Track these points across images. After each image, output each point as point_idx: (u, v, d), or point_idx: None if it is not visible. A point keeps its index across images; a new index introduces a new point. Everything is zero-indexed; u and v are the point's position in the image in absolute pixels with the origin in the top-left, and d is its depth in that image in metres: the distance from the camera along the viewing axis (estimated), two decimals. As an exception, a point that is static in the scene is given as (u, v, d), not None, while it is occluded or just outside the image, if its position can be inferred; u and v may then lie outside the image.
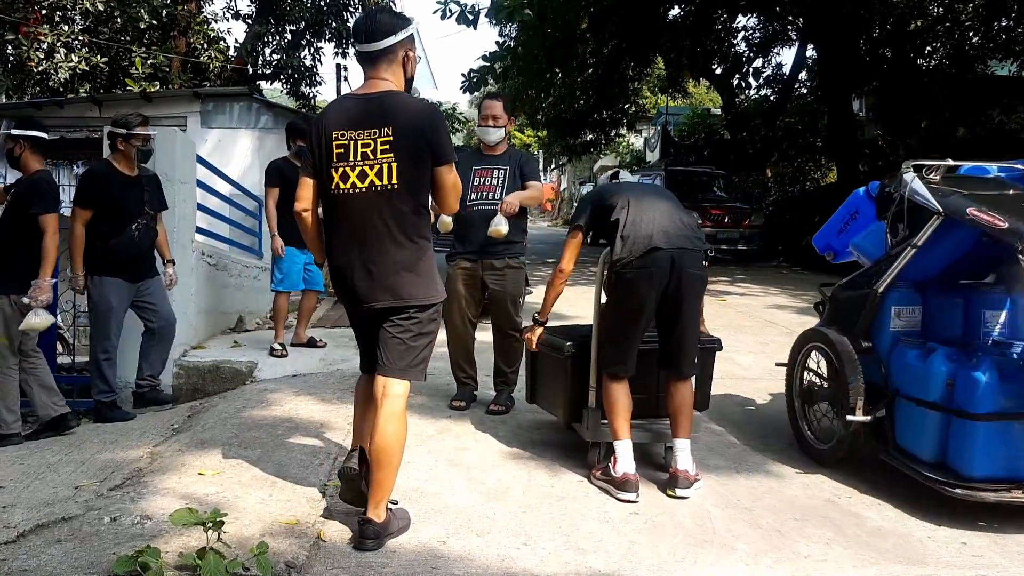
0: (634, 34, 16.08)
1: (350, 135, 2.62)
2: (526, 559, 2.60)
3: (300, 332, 6.10)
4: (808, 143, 18.68)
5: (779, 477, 3.48)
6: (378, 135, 2.60)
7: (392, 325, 2.69)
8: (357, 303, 2.72)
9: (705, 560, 2.64)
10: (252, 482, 3.20)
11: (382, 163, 2.60)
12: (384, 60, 2.67)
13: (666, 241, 3.16)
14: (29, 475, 3.37)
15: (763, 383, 5.28)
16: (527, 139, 41.47)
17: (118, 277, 4.70)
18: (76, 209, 4.58)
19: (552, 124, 20.14)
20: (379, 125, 2.60)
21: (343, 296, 2.80)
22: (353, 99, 2.75)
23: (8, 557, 2.44)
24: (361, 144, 2.60)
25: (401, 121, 2.61)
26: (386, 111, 2.62)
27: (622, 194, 3.38)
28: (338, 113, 2.71)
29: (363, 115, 2.63)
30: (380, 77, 2.68)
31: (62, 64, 12.58)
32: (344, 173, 2.62)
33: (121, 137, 4.71)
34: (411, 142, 2.62)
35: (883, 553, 2.74)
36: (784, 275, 13.07)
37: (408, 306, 2.67)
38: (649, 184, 3.75)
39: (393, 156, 2.59)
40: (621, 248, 3.19)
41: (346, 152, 2.62)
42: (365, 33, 2.67)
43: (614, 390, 3.25)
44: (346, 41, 16.20)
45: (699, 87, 29.14)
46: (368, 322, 2.77)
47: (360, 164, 2.60)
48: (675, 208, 3.36)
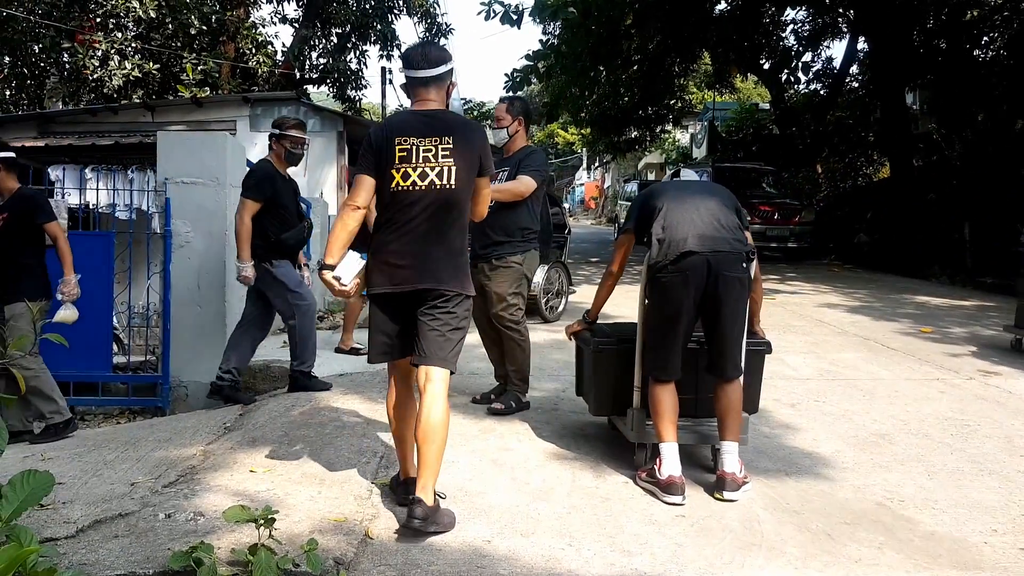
0: (680, 29, 15.91)
1: (413, 141, 2.93)
2: (571, 560, 2.59)
3: (347, 339, 6.16)
4: (860, 138, 18.24)
5: (829, 480, 3.41)
6: (439, 143, 2.92)
7: (432, 318, 2.89)
8: (403, 283, 2.90)
9: (753, 563, 2.60)
10: (302, 480, 3.26)
11: (443, 166, 2.91)
12: (434, 85, 3.04)
13: (700, 244, 3.13)
14: (87, 472, 3.48)
15: (813, 384, 5.18)
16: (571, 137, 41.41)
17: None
18: (246, 201, 4.76)
19: (596, 122, 20.03)
20: (440, 134, 2.93)
21: (388, 281, 2.92)
22: (412, 113, 3.09)
23: (68, 551, 2.52)
24: (423, 149, 2.92)
25: (459, 133, 2.96)
26: (446, 123, 2.98)
27: (664, 195, 3.37)
28: (400, 123, 3.05)
29: (424, 126, 2.95)
30: (430, 99, 3.04)
31: (116, 71, 12.96)
32: (405, 172, 2.90)
33: (275, 137, 4.93)
34: (468, 151, 2.95)
35: (936, 558, 2.67)
36: (835, 273, 12.79)
37: (447, 292, 2.89)
38: (697, 182, 3.64)
39: (453, 161, 2.92)
40: (657, 252, 3.20)
41: (408, 155, 2.91)
42: (422, 61, 3.04)
43: (659, 392, 3.23)
44: (391, 44, 16.37)
45: (747, 82, 28.69)
46: (403, 309, 2.94)
47: (421, 165, 2.91)
48: (718, 207, 3.30)
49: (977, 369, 5.66)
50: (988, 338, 6.90)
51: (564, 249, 9.25)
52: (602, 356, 3.57)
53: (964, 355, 6.15)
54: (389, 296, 2.94)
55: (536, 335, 6.83)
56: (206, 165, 5.79)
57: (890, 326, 7.52)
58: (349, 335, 6.15)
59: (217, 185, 5.78)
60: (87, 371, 5.57)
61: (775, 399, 4.72)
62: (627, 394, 3.44)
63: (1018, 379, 5.37)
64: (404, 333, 2.96)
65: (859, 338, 6.91)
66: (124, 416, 5.96)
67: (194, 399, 5.74)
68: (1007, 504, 3.16)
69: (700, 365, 3.37)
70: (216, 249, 5.79)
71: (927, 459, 3.70)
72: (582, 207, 43.87)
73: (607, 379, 3.58)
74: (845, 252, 14.90)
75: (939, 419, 4.39)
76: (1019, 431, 4.17)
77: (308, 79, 16.76)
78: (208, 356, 5.72)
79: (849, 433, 4.10)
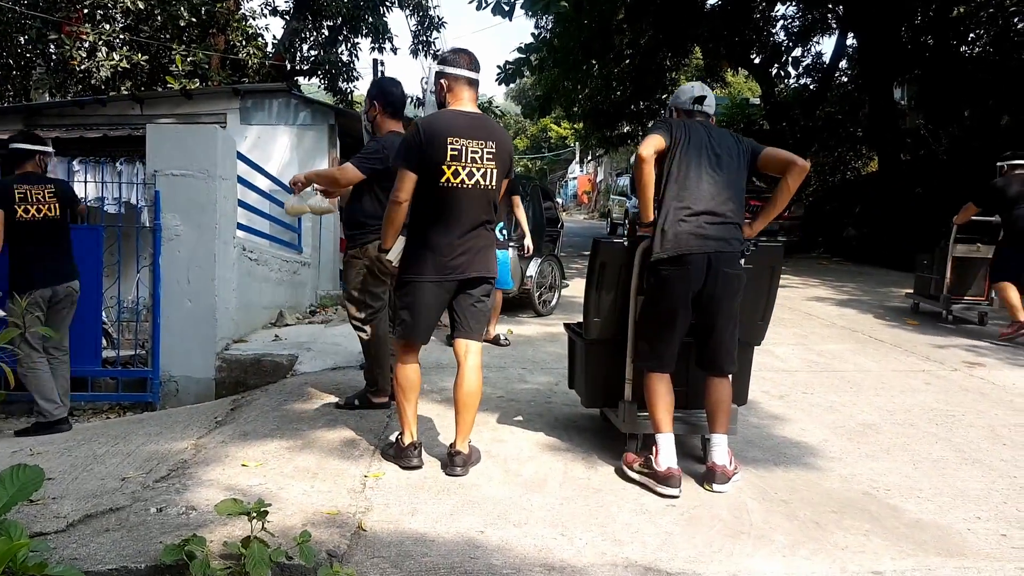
0: (671, 24, 15.91)
1: (463, 141, 3.19)
2: (563, 550, 2.61)
3: (489, 330, 6.12)
4: (849, 133, 18.31)
5: (817, 470, 3.45)
6: (484, 146, 3.24)
7: (476, 299, 3.35)
8: (455, 273, 3.24)
9: (742, 551, 2.63)
10: (294, 473, 3.27)
11: (487, 168, 3.24)
12: (476, 88, 3.37)
13: (702, 245, 3.09)
14: (77, 467, 3.48)
15: (802, 375, 5.23)
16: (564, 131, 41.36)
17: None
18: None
19: (588, 116, 20.00)
20: (485, 138, 3.24)
21: (435, 270, 3.22)
22: (457, 113, 3.28)
23: (59, 546, 2.52)
24: (471, 150, 3.21)
25: (499, 138, 3.30)
26: (488, 128, 3.29)
27: (679, 155, 3.15)
28: (449, 122, 3.23)
29: (471, 128, 3.23)
30: (473, 100, 3.35)
31: (104, 63, 12.83)
32: (456, 170, 3.18)
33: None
34: (504, 156, 3.31)
35: (921, 545, 2.71)
36: (824, 266, 12.88)
37: (489, 278, 3.35)
38: (712, 142, 3.24)
39: (495, 164, 3.27)
40: (660, 244, 3.13)
41: (459, 154, 3.18)
42: (476, 64, 3.35)
43: (655, 383, 3.23)
44: (382, 36, 16.27)
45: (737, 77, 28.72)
46: (445, 295, 3.30)
47: (470, 165, 3.21)
48: (726, 189, 3.16)
49: (962, 360, 5.72)
50: (975, 331, 6.97)
51: (557, 243, 9.30)
52: (594, 348, 3.58)
53: (950, 347, 6.22)
54: (440, 283, 3.26)
55: (529, 328, 6.86)
56: (196, 158, 5.76)
57: (877, 318, 7.59)
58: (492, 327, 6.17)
59: (207, 178, 5.76)
60: (76, 366, 5.53)
61: (764, 391, 4.76)
62: (619, 386, 3.46)
63: (1001, 370, 5.44)
64: (440, 314, 3.37)
65: (847, 330, 6.97)
66: (114, 411, 5.94)
67: (184, 394, 5.73)
68: (990, 492, 3.20)
69: (691, 357, 3.39)
70: (206, 242, 5.77)
71: (912, 448, 3.75)
72: (575, 201, 43.88)
73: (599, 371, 3.60)
74: (834, 246, 14.99)
75: (924, 409, 4.44)
76: (1002, 421, 4.23)
77: (299, 71, 16.65)
78: (198, 350, 5.72)
79: (836, 423, 4.15)
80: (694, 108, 3.33)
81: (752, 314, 3.53)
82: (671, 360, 3.24)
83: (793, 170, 3.21)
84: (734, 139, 3.31)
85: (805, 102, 18.75)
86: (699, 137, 3.21)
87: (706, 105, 3.35)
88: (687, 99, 3.35)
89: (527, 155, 46.29)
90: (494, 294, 3.41)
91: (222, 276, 5.90)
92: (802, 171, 3.20)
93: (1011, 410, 4.46)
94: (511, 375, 5.14)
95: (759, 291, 3.50)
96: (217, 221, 5.79)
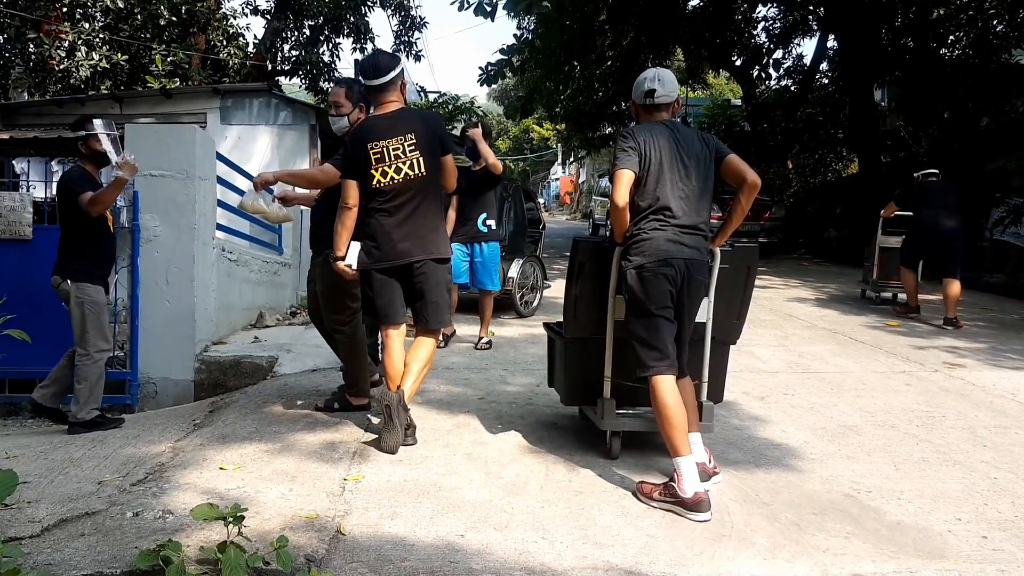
0: (653, 25, 15.96)
1: (382, 144, 3.53)
2: (544, 553, 2.60)
3: (483, 332, 6.15)
4: (829, 134, 18.48)
5: (798, 471, 3.46)
6: (404, 140, 3.54)
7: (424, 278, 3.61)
8: (401, 257, 3.56)
9: (723, 554, 2.63)
10: (273, 477, 3.23)
11: (412, 158, 3.55)
12: (390, 88, 3.62)
13: (680, 251, 3.10)
14: (53, 470, 3.42)
15: (783, 376, 5.25)
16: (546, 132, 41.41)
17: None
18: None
19: (571, 117, 20.03)
20: (403, 133, 3.54)
21: (387, 257, 3.55)
22: (376, 118, 3.64)
23: (33, 551, 2.48)
24: (392, 148, 3.53)
25: (419, 127, 3.59)
26: (406, 121, 3.58)
27: (650, 169, 3.12)
28: (368, 129, 3.59)
29: (388, 128, 3.55)
30: (390, 101, 3.63)
31: (83, 62, 12.68)
32: (383, 171, 3.53)
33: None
34: (428, 140, 3.58)
35: (902, 547, 2.72)
36: (805, 267, 12.98)
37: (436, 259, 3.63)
38: (680, 151, 3.18)
39: (419, 152, 3.56)
40: (641, 250, 3.11)
41: (382, 156, 3.53)
42: (373, 72, 3.59)
43: (665, 395, 3.04)
44: (364, 37, 16.20)
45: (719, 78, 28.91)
46: (398, 278, 3.62)
47: (395, 162, 3.53)
48: (696, 200, 3.15)
49: (942, 362, 5.77)
50: (955, 332, 7.04)
51: (539, 244, 9.29)
52: (572, 347, 3.59)
53: (930, 348, 6.27)
54: (390, 269, 3.56)
55: (510, 330, 6.85)
56: (175, 158, 5.70)
57: (858, 320, 7.65)
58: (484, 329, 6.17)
59: (186, 178, 5.70)
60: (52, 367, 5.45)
61: (745, 392, 4.77)
62: (598, 384, 3.46)
63: (982, 371, 5.49)
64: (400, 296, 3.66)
65: (828, 331, 7.01)
66: (91, 413, 5.84)
67: (163, 396, 5.66)
68: (970, 493, 3.23)
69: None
70: (185, 243, 5.70)
71: (893, 450, 3.77)
72: (557, 202, 43.96)
73: (578, 370, 3.60)
74: (815, 247, 15.11)
75: (905, 411, 4.47)
76: (982, 422, 4.26)
77: (280, 71, 16.53)
78: (177, 352, 5.65)
79: (817, 425, 4.16)
80: (647, 103, 3.26)
81: (728, 313, 3.55)
82: (672, 351, 3.13)
83: (744, 186, 3.17)
84: (700, 141, 3.24)
85: (786, 104, 18.91)
86: (668, 147, 3.15)
87: (659, 97, 3.23)
88: (640, 94, 3.28)
89: (509, 156, 46.27)
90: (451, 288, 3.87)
91: (201, 277, 5.83)
92: (753, 187, 3.15)
93: (992, 411, 4.50)
94: (492, 376, 5.12)
95: (735, 290, 3.52)
96: (196, 222, 5.73)
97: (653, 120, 3.26)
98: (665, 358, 3.11)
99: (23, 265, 5.53)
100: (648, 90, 3.23)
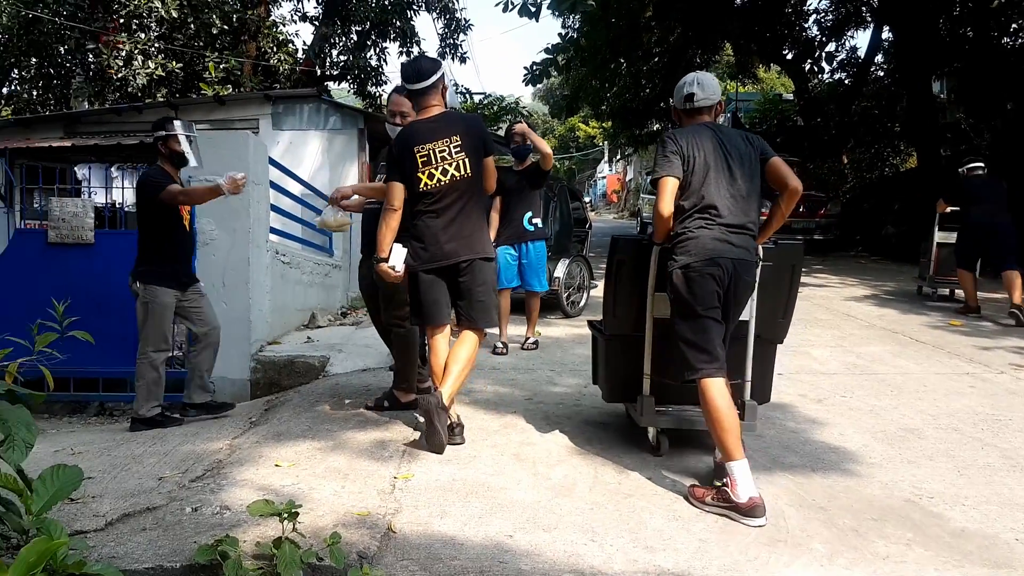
0: (701, 21, 15.75)
1: (428, 147, 3.58)
2: (593, 556, 2.58)
3: (529, 332, 6.18)
4: (886, 128, 17.95)
5: (856, 476, 3.36)
6: (449, 142, 3.59)
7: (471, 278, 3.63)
8: (446, 258, 3.60)
9: (778, 560, 2.57)
10: (325, 474, 3.28)
11: (457, 160, 3.60)
12: (431, 92, 3.66)
13: (728, 250, 3.06)
14: (116, 466, 3.53)
15: (840, 378, 5.12)
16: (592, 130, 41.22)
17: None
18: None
19: (617, 115, 19.88)
20: (448, 135, 3.59)
21: (432, 259, 3.60)
22: (420, 122, 3.68)
23: (97, 544, 2.56)
24: (438, 151, 3.58)
25: (463, 128, 3.64)
26: (450, 124, 3.63)
27: (695, 171, 3.10)
28: (413, 133, 3.62)
29: (433, 131, 3.60)
30: (432, 104, 3.68)
31: (140, 70, 13.09)
32: (430, 173, 3.58)
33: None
34: (473, 142, 3.63)
35: (966, 555, 2.62)
36: (863, 265, 12.64)
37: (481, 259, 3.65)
38: (725, 151, 3.16)
39: (464, 154, 3.61)
40: (688, 250, 3.08)
41: (428, 159, 3.58)
42: (416, 75, 3.65)
43: (716, 398, 2.99)
44: (410, 40, 16.37)
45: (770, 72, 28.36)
46: (445, 278, 3.66)
47: (441, 164, 3.58)
48: (743, 200, 3.12)
49: (1009, 363, 5.56)
50: (1020, 331, 6.77)
51: (585, 244, 9.24)
52: (612, 344, 3.62)
53: (995, 348, 6.04)
54: (436, 270, 3.61)
55: (557, 330, 6.83)
56: (229, 163, 5.82)
57: (919, 319, 7.41)
58: (503, 330, 6.14)
59: (240, 183, 5.82)
60: (115, 367, 5.64)
61: (801, 394, 4.67)
62: (637, 381, 3.48)
63: (1050, 372, 5.27)
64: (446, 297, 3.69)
65: (887, 331, 6.82)
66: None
67: (220, 394, 5.78)
68: (1039, 500, 3.10)
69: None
70: (240, 247, 5.83)
71: (957, 454, 3.64)
72: (604, 201, 43.71)
73: (618, 366, 3.63)
74: (872, 244, 14.70)
75: (969, 414, 4.31)
76: (1052, 425, 4.09)
77: (329, 76, 16.82)
78: (234, 352, 5.78)
79: (877, 428, 4.05)
80: (687, 107, 3.26)
81: (773, 311, 3.51)
82: (721, 352, 3.08)
83: (784, 192, 3.18)
84: (745, 141, 3.21)
85: (840, 97, 18.43)
86: (712, 147, 3.13)
87: (699, 101, 3.23)
88: (680, 99, 3.28)
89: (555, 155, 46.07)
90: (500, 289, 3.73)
91: (256, 279, 5.96)
92: (794, 193, 3.16)
93: (1059, 413, 4.31)
94: (539, 377, 5.11)
95: (779, 288, 3.48)
96: (250, 226, 5.86)
97: (694, 124, 3.25)
98: (714, 360, 3.05)
99: (86, 268, 5.72)
100: (688, 94, 3.24)
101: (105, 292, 5.55)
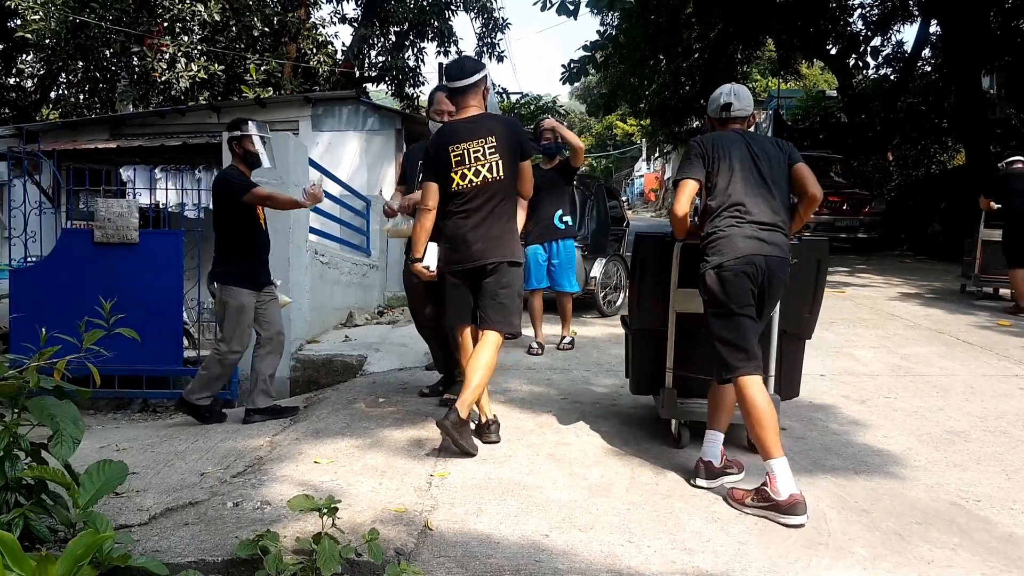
0: (742, 16, 15.54)
1: (463, 146, 3.57)
2: (630, 556, 2.56)
3: (564, 331, 6.16)
4: (933, 124, 17.49)
5: (900, 479, 3.29)
6: (485, 143, 3.57)
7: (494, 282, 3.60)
8: (473, 260, 3.58)
9: (819, 563, 2.52)
10: (363, 471, 3.31)
11: (491, 161, 3.57)
12: (472, 92, 3.66)
13: (760, 248, 3.03)
14: (159, 462, 3.61)
15: (884, 379, 5.01)
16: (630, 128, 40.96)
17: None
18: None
19: (656, 112, 19.72)
20: (484, 136, 3.57)
21: (459, 260, 3.60)
22: (458, 121, 3.68)
23: (141, 538, 2.62)
24: (472, 151, 3.57)
25: (499, 131, 3.61)
26: (487, 125, 3.61)
27: (722, 170, 3.14)
28: (450, 133, 3.63)
29: (469, 131, 3.59)
30: (471, 105, 3.67)
31: (183, 73, 13.37)
32: (463, 174, 3.57)
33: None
34: (509, 144, 3.60)
35: (1014, 561, 2.54)
36: (908, 265, 12.35)
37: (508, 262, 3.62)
38: (753, 153, 3.18)
39: (499, 156, 3.57)
40: (720, 249, 3.06)
41: (462, 159, 3.57)
42: (459, 73, 3.65)
43: (751, 394, 2.96)
44: (448, 40, 16.45)
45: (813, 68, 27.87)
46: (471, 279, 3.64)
47: (474, 165, 3.57)
48: (773, 198, 3.11)
49: (1061, 364, 5.38)
50: (1073, 332, 6.55)
51: (622, 243, 9.18)
52: (638, 337, 3.71)
53: (1046, 349, 5.86)
54: (463, 271, 3.62)
55: (593, 329, 6.80)
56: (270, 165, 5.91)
57: (966, 319, 7.21)
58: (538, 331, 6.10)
59: (281, 184, 5.90)
60: (159, 365, 5.76)
61: (844, 395, 4.58)
62: (663, 374, 3.56)
63: (1106, 375, 5.08)
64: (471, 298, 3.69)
65: (933, 332, 6.65)
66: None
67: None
68: (1094, 506, 2.99)
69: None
70: (280, 246, 5.89)
71: (1005, 458, 3.54)
72: (642, 199, 43.38)
73: (643, 359, 3.72)
74: (918, 243, 14.35)
75: (1018, 416, 4.18)
76: (1108, 430, 3.95)
77: (367, 77, 16.99)
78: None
79: (922, 430, 3.95)
80: (723, 116, 3.29)
81: (800, 307, 3.52)
82: (758, 350, 3.06)
83: (803, 198, 3.21)
84: (774, 145, 3.25)
85: (886, 93, 18.01)
86: (739, 150, 3.16)
87: (735, 111, 3.26)
88: (715, 108, 3.31)
89: (592, 153, 45.90)
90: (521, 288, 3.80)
91: (296, 279, 6.05)
92: (813, 201, 3.20)
93: (1115, 417, 4.16)
94: (575, 377, 5.09)
95: (805, 284, 3.48)
96: (290, 226, 5.94)
97: (725, 131, 3.28)
98: (752, 358, 3.02)
99: (131, 267, 5.85)
100: (725, 104, 3.29)
101: (149, 290, 5.68)
